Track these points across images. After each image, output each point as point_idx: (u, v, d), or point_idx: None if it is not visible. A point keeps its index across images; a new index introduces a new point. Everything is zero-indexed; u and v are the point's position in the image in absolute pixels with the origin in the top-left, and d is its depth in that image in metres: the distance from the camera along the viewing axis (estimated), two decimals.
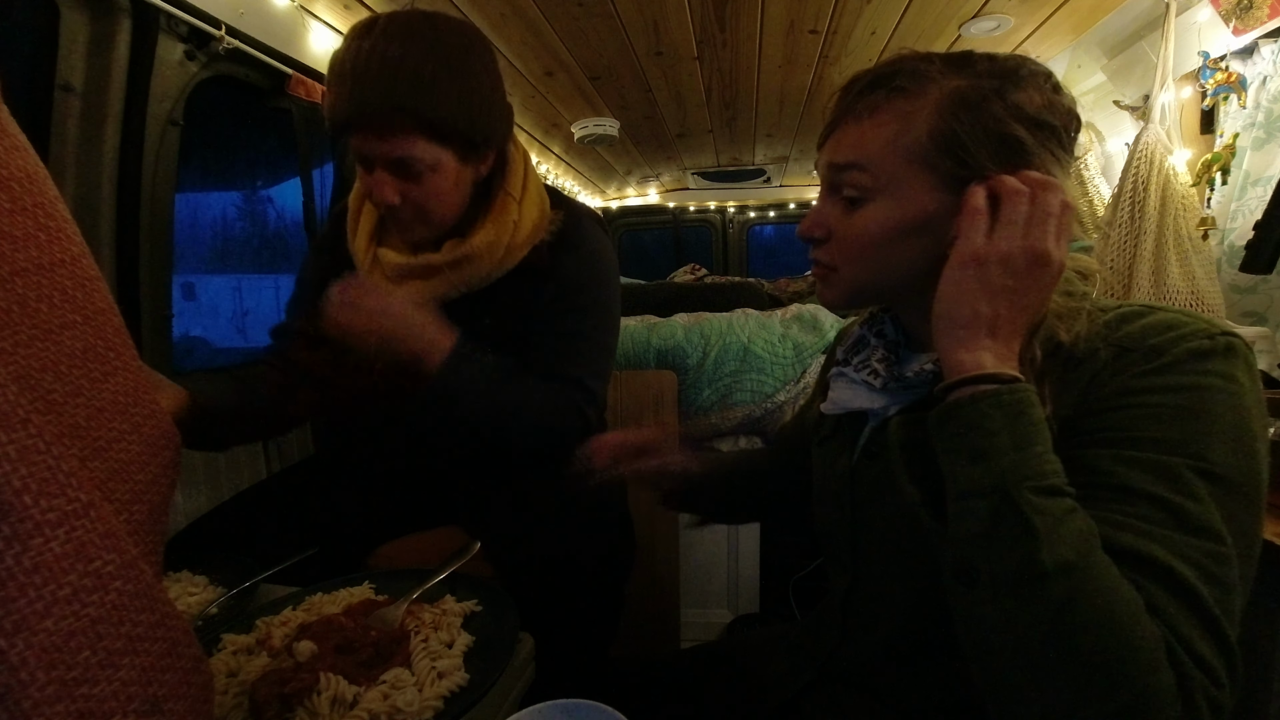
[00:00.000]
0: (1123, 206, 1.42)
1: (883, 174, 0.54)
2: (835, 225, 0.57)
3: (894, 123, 0.53)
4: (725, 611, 1.76)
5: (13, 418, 0.28)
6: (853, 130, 0.55)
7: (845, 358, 0.66)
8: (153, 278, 1.21)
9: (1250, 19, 1.29)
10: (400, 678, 0.54)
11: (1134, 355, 0.47)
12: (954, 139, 0.51)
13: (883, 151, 0.53)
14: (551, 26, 1.62)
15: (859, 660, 0.64)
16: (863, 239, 0.56)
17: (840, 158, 0.56)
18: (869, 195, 0.55)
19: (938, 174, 0.52)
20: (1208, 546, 0.41)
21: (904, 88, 0.53)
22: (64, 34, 1.02)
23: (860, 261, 0.57)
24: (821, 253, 0.59)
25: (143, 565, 0.33)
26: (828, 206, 0.58)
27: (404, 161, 0.85)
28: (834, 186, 0.57)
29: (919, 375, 0.56)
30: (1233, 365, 0.45)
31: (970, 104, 0.51)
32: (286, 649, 0.56)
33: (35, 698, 0.27)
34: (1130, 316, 0.50)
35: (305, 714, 0.49)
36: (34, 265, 0.35)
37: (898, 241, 0.55)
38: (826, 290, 0.61)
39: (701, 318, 1.78)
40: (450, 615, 0.64)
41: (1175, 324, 0.47)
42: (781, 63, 1.94)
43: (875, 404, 0.61)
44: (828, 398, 0.67)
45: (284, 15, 1.38)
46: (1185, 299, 1.33)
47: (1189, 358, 0.45)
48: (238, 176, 1.86)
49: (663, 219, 4.01)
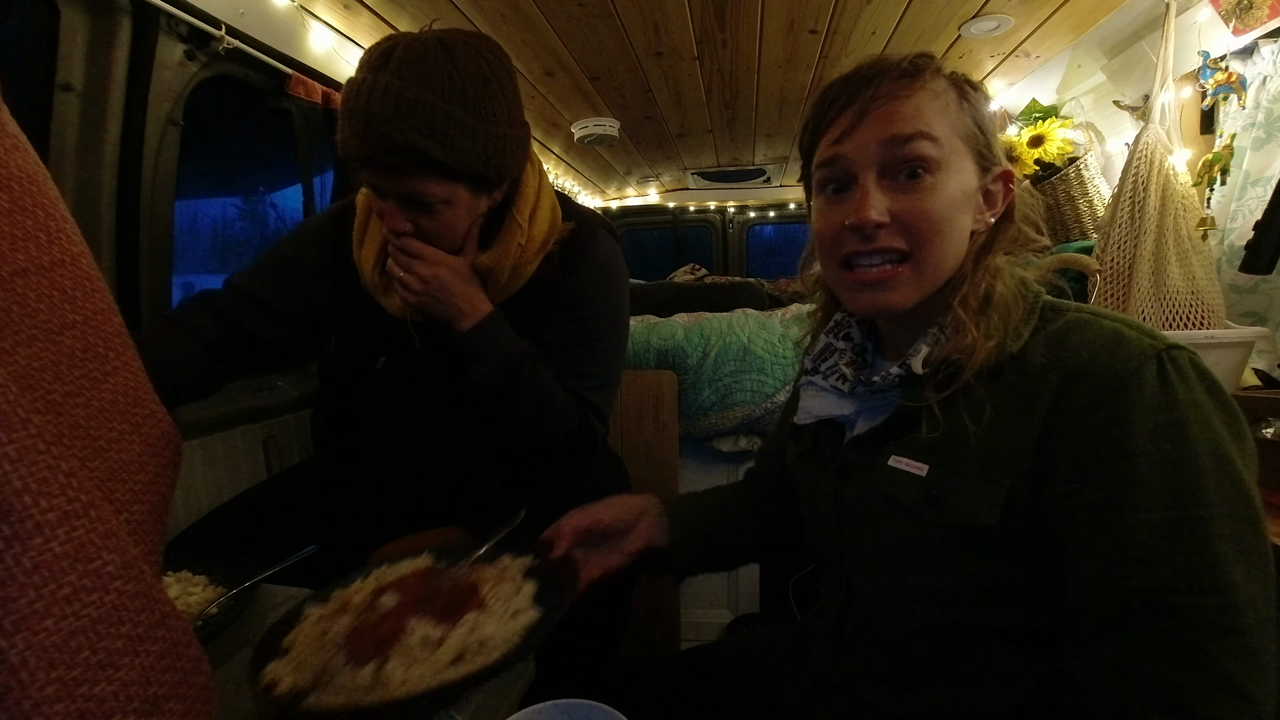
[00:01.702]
0: (1122, 206, 1.42)
1: (945, 145, 0.54)
2: (896, 206, 0.54)
3: (939, 99, 0.54)
4: (725, 611, 1.76)
5: (13, 418, 0.28)
6: (905, 105, 0.53)
7: (814, 366, 0.66)
8: (153, 278, 1.21)
9: (1250, 19, 1.29)
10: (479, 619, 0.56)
11: (1085, 381, 0.47)
12: (984, 124, 0.56)
13: (942, 123, 0.54)
14: (551, 26, 1.62)
15: (857, 673, 0.63)
16: (934, 213, 0.53)
17: (906, 128, 0.53)
18: (934, 167, 0.53)
19: (972, 154, 0.55)
20: (1218, 602, 0.42)
21: (940, 70, 0.55)
22: (64, 34, 1.01)
23: (937, 239, 0.54)
24: (888, 239, 0.54)
25: (143, 565, 0.33)
26: (879, 189, 0.54)
27: (417, 197, 0.85)
28: (891, 164, 0.54)
29: (885, 379, 0.57)
30: (1189, 383, 0.46)
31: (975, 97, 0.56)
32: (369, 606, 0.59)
33: (35, 698, 0.27)
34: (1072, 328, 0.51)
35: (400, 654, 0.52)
36: (34, 265, 0.35)
37: (960, 216, 0.55)
38: (895, 292, 0.55)
39: (701, 318, 1.78)
40: (511, 569, 0.67)
41: (1118, 339, 0.48)
42: (781, 63, 1.94)
43: (844, 410, 0.62)
44: (798, 408, 0.67)
45: (284, 15, 1.38)
46: (1185, 299, 1.33)
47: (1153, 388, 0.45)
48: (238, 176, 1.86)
49: (663, 219, 4.01)
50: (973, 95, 0.56)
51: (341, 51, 1.59)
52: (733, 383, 1.66)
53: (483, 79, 0.82)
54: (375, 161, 0.81)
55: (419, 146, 0.78)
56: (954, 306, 0.54)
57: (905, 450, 0.57)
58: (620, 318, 1.06)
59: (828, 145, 0.57)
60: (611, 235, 1.06)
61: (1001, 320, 0.53)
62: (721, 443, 1.72)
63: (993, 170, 0.57)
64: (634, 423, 1.60)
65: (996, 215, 0.58)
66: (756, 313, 1.82)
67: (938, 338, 0.55)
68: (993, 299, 0.54)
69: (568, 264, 0.98)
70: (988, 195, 0.58)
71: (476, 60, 0.82)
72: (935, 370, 0.54)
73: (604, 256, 1.01)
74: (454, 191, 0.86)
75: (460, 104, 0.80)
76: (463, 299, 0.92)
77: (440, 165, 0.81)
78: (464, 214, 0.90)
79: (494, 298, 0.96)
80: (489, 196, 0.92)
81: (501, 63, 0.87)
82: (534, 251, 0.96)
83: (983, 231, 0.58)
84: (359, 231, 1.00)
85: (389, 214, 0.87)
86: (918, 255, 0.54)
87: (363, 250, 0.99)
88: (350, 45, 1.63)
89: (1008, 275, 0.56)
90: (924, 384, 0.55)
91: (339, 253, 1.02)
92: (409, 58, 0.78)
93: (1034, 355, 0.51)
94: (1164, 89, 1.43)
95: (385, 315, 0.99)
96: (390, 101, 0.77)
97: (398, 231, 0.87)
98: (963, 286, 0.55)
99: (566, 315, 0.99)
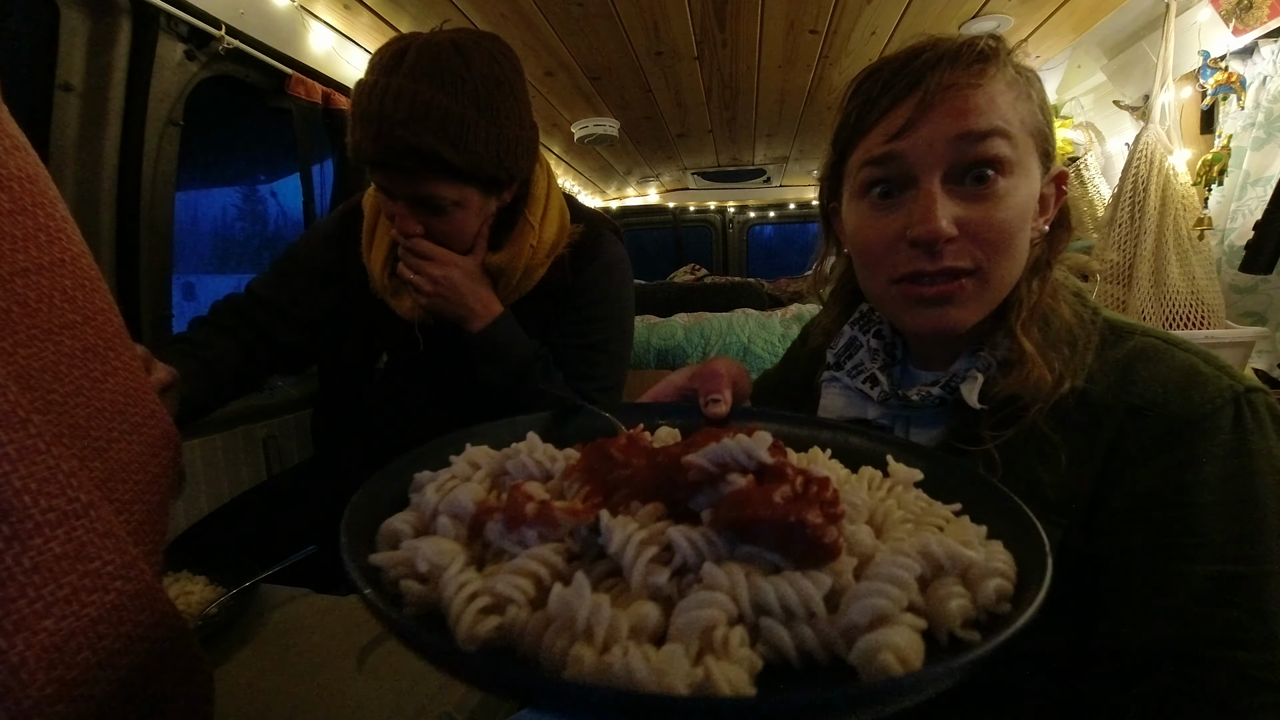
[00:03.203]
0: (1122, 206, 1.42)
1: (1019, 144, 0.47)
2: (965, 216, 0.46)
3: (1013, 89, 0.47)
4: None
5: (13, 418, 0.28)
6: (978, 95, 0.46)
7: (837, 361, 0.60)
8: (153, 278, 1.21)
9: (1250, 19, 1.29)
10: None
11: (1153, 420, 0.43)
12: (1049, 118, 0.50)
13: (1016, 118, 0.47)
14: (551, 26, 1.62)
15: None
16: (1007, 224, 0.46)
17: (982, 123, 0.45)
18: (1008, 169, 0.46)
19: (1039, 153, 0.49)
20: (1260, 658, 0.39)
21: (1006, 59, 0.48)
22: (64, 34, 1.01)
23: (1007, 254, 0.47)
24: (956, 256, 0.47)
25: (143, 565, 0.33)
26: (947, 197, 0.47)
27: (429, 200, 0.85)
28: (959, 165, 0.46)
29: (924, 399, 0.51)
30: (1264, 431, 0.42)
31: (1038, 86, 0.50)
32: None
33: (35, 698, 0.27)
34: (1140, 357, 0.46)
35: None
36: (34, 265, 0.35)
37: (1026, 226, 0.48)
38: (958, 310, 0.48)
39: (701, 318, 1.78)
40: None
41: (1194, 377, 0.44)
42: (781, 63, 1.94)
43: (870, 414, 0.56)
44: (819, 405, 0.61)
45: (284, 15, 1.38)
46: (1185, 299, 1.33)
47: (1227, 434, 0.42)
48: (237, 176, 1.86)
49: (663, 219, 4.01)
50: (1039, 85, 0.50)
51: (341, 51, 1.59)
52: None
53: (495, 81, 0.82)
54: (388, 164, 0.81)
55: (433, 150, 0.78)
56: (1016, 333, 0.48)
57: None
58: (627, 320, 1.06)
59: (881, 140, 0.48)
60: (617, 236, 1.06)
61: (1068, 350, 0.47)
62: None
63: (1051, 170, 0.51)
64: None
65: (1049, 221, 0.52)
66: (756, 313, 1.82)
67: (989, 362, 0.49)
68: (1055, 324, 0.49)
69: (577, 266, 0.99)
70: (1042, 199, 0.51)
71: (489, 62, 0.82)
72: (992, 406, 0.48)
73: (611, 259, 1.01)
74: (466, 194, 0.86)
75: (474, 107, 0.80)
76: (474, 299, 0.92)
77: (453, 168, 0.81)
78: (475, 215, 0.90)
79: (504, 299, 0.95)
80: (499, 198, 0.92)
81: (513, 64, 0.87)
82: (544, 254, 0.96)
83: (1038, 241, 0.51)
84: (367, 234, 1.00)
85: (400, 216, 0.86)
86: (985, 270, 0.47)
87: (372, 253, 0.99)
88: (350, 45, 1.63)
89: (1066, 293, 0.51)
90: (979, 421, 0.48)
91: (346, 255, 1.02)
92: (422, 60, 0.78)
93: (1098, 387, 0.46)
94: (1164, 89, 1.43)
95: (392, 317, 0.99)
96: (404, 105, 0.76)
97: (408, 234, 0.87)
98: (1020, 308, 0.49)
99: (575, 317, 0.99)
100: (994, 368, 0.49)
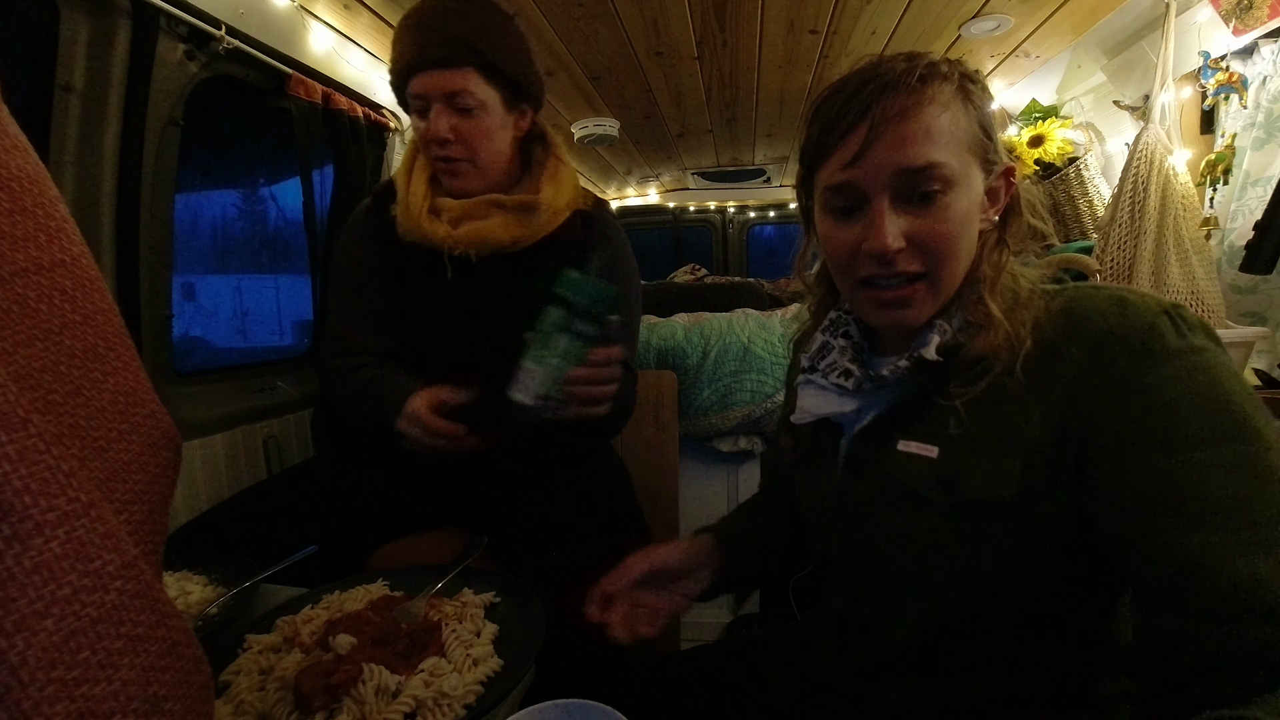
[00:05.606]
0: (1122, 207, 1.42)
1: (957, 162, 0.53)
2: (911, 228, 0.54)
3: (947, 110, 0.53)
4: (725, 612, 1.76)
5: (13, 418, 0.28)
6: (914, 125, 0.52)
7: (811, 364, 0.65)
8: (153, 278, 1.21)
9: (1250, 19, 1.29)
10: (438, 666, 0.55)
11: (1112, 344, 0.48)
12: (987, 125, 0.55)
13: (952, 140, 0.53)
14: (551, 26, 1.62)
15: (856, 675, 0.63)
16: (950, 234, 0.54)
17: (918, 158, 0.52)
18: (948, 186, 0.53)
19: (979, 161, 0.55)
20: None
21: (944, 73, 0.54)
22: (64, 34, 1.01)
23: (953, 258, 0.55)
24: (906, 263, 0.54)
25: (143, 565, 0.33)
26: (892, 213, 0.53)
27: (459, 96, 0.96)
28: (904, 191, 0.53)
29: (894, 373, 0.57)
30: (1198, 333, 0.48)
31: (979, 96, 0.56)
32: (320, 644, 0.56)
33: (35, 698, 0.27)
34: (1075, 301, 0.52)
35: (352, 703, 0.50)
36: (34, 265, 0.35)
37: (971, 226, 0.56)
38: (914, 309, 0.56)
39: (701, 318, 1.78)
40: (472, 606, 0.65)
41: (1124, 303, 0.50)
42: (781, 63, 1.94)
43: (846, 408, 0.61)
44: (796, 407, 0.66)
45: (284, 15, 1.38)
46: (1185, 299, 1.33)
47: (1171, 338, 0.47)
48: (238, 177, 1.86)
49: (663, 219, 4.01)
50: (976, 94, 0.55)
51: (341, 51, 1.59)
52: (733, 383, 1.66)
53: (515, 13, 1.01)
54: (428, 61, 0.94)
55: (466, 38, 0.94)
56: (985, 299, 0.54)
57: (914, 435, 0.57)
58: (639, 307, 1.16)
59: (838, 168, 0.55)
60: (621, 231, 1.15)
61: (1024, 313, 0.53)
62: (721, 443, 1.72)
63: (996, 169, 0.57)
64: (634, 423, 1.59)
65: (999, 211, 0.59)
66: (756, 313, 1.82)
67: (945, 329, 0.56)
68: (1018, 291, 0.55)
69: (588, 227, 1.07)
70: (991, 193, 0.58)
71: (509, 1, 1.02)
72: (950, 360, 0.54)
73: (624, 242, 1.12)
74: (491, 97, 0.98)
75: (503, 16, 0.99)
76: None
77: (483, 60, 0.95)
78: (497, 124, 1.01)
79: (533, 233, 1.02)
80: (518, 117, 1.04)
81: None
82: (566, 201, 1.06)
83: (990, 230, 0.58)
84: (404, 175, 1.05)
85: (432, 123, 0.96)
86: (934, 274, 0.55)
87: (411, 190, 1.03)
88: (350, 45, 1.63)
89: (1022, 277, 0.56)
90: (940, 372, 0.55)
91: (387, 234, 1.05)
92: None
93: (1046, 334, 0.51)
94: (1164, 89, 1.43)
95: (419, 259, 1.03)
96: (441, 11, 0.95)
97: (440, 138, 0.97)
98: (985, 280, 0.55)
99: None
100: (949, 333, 0.55)
